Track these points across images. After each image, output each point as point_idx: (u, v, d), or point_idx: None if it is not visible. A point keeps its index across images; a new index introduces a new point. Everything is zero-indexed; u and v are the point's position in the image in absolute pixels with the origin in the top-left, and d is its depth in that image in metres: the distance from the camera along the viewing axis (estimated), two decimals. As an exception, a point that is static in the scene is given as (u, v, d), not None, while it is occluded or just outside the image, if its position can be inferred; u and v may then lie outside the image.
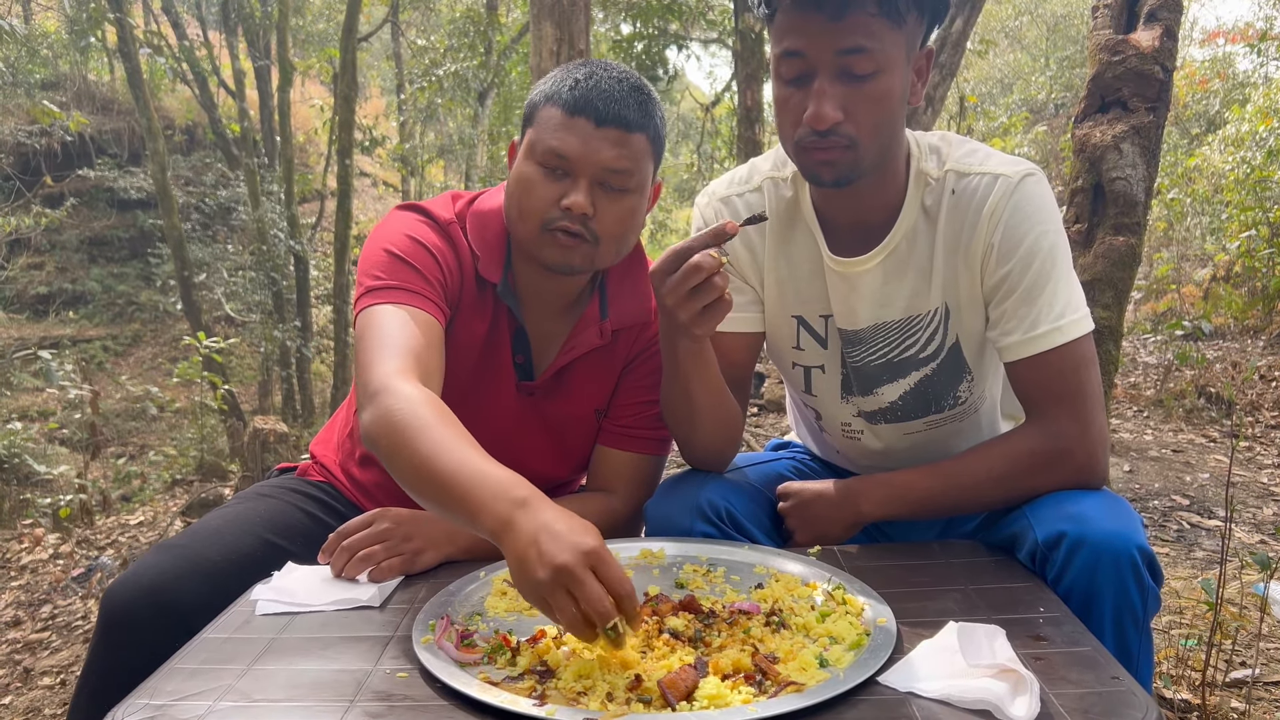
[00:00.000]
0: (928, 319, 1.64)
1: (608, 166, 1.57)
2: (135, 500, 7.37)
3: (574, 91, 1.58)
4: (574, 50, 5.34)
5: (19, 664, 3.59)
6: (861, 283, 1.63)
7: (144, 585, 1.46)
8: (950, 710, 1.00)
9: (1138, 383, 7.37)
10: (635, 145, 1.59)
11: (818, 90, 1.43)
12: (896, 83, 1.46)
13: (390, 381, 1.41)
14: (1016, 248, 1.51)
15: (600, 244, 1.62)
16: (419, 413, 1.35)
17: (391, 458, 1.36)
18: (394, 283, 1.58)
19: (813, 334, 1.73)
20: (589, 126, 1.56)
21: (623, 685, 1.06)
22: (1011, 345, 1.53)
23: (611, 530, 1.72)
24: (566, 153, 1.56)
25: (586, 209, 1.57)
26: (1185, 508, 4.30)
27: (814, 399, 1.81)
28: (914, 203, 1.59)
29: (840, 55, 1.41)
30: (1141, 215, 2.95)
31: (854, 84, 1.43)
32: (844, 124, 1.44)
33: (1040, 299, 1.50)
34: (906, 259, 1.61)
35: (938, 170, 1.58)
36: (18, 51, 13.08)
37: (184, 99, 15.95)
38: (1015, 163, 1.56)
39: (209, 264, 13.18)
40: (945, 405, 1.73)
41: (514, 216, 1.64)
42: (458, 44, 13.15)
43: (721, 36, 11.98)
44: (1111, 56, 2.96)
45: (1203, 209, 10.31)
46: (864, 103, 1.44)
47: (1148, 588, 1.31)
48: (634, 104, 1.59)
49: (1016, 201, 1.51)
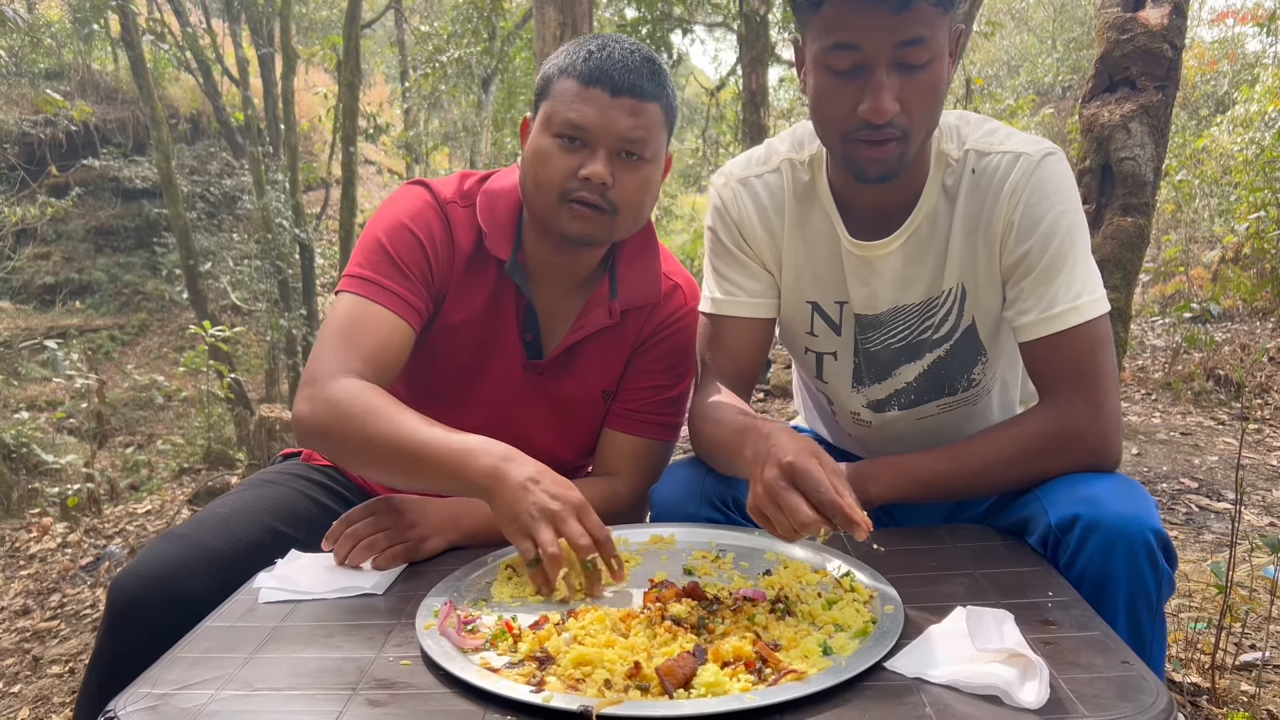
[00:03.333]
0: (944, 299, 1.63)
1: (624, 136, 1.58)
2: (143, 489, 7.39)
3: (588, 63, 1.58)
4: (577, 35, 5.31)
5: (28, 652, 3.61)
6: (883, 266, 1.62)
7: (151, 574, 1.47)
8: (958, 696, 0.99)
9: (1146, 365, 7.34)
10: (650, 114, 1.60)
11: (876, 84, 1.40)
12: (944, 69, 1.45)
13: (334, 376, 1.50)
14: (1036, 226, 1.50)
15: (619, 214, 1.63)
16: (367, 398, 1.47)
17: (344, 440, 1.46)
18: (374, 276, 1.62)
19: (826, 320, 1.72)
20: (605, 96, 1.57)
21: (621, 672, 1.05)
22: (1027, 324, 1.52)
23: (615, 515, 1.71)
24: (583, 123, 1.57)
25: (606, 178, 1.58)
26: (1194, 490, 4.28)
27: (825, 385, 1.80)
28: (935, 184, 1.58)
29: (900, 47, 1.39)
30: (1150, 196, 2.93)
31: (909, 75, 1.41)
32: (899, 116, 1.42)
33: (1058, 279, 1.49)
34: (927, 241, 1.60)
35: (958, 150, 1.57)
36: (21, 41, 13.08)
37: (188, 88, 15.96)
38: (1036, 141, 1.55)
39: (214, 253, 13.20)
40: (959, 387, 1.72)
41: (530, 189, 1.65)
42: (461, 30, 13.08)
43: (726, 20, 11.93)
44: (1120, 34, 2.94)
45: (1211, 190, 10.25)
46: (917, 93, 1.42)
47: (1161, 571, 1.30)
48: (647, 73, 1.60)
49: (1038, 180, 1.50)
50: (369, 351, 1.55)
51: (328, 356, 1.54)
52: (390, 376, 1.59)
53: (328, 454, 1.64)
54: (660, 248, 1.83)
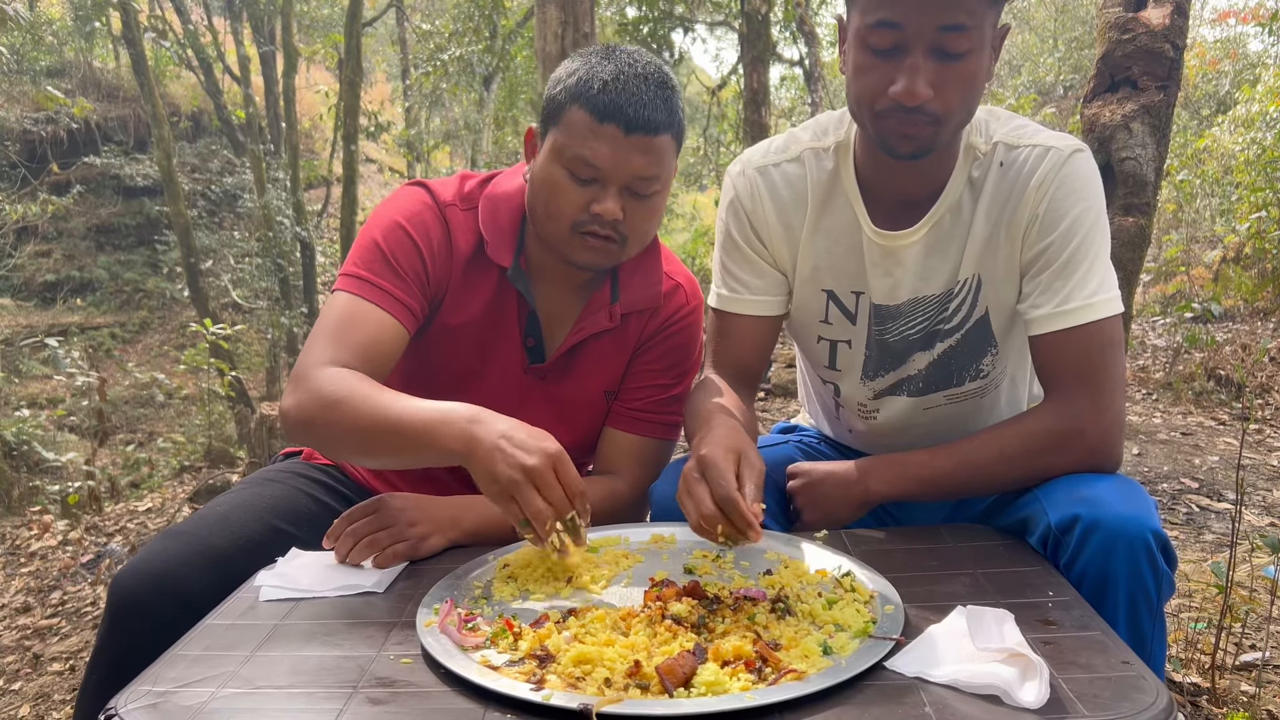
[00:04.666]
0: (960, 289, 1.63)
1: (637, 174, 1.57)
2: (144, 487, 7.39)
3: (602, 95, 1.54)
4: (579, 34, 5.30)
5: (29, 650, 3.61)
6: (905, 256, 1.62)
7: (151, 572, 1.47)
8: (958, 695, 0.99)
9: (1146, 365, 7.33)
10: (662, 147, 1.59)
11: (911, 65, 1.40)
12: (984, 62, 1.45)
13: (319, 369, 1.50)
14: (1060, 220, 1.50)
15: (629, 242, 1.63)
16: (347, 383, 1.47)
17: (329, 426, 1.46)
18: (368, 275, 1.62)
19: (842, 309, 1.72)
20: (618, 134, 1.54)
21: (621, 671, 1.05)
22: (1040, 318, 1.52)
23: (616, 513, 1.71)
24: (596, 162, 1.55)
25: (618, 215, 1.57)
26: (1194, 490, 4.28)
27: (836, 374, 1.80)
28: (961, 175, 1.58)
29: (940, 31, 1.39)
30: (1151, 195, 2.93)
31: (947, 62, 1.41)
32: (932, 101, 1.42)
33: (1076, 275, 1.49)
34: (950, 232, 1.60)
35: (985, 144, 1.58)
36: (23, 38, 13.08)
37: (189, 85, 15.96)
38: (1065, 138, 1.56)
39: (215, 251, 13.20)
40: (967, 378, 1.72)
41: (541, 217, 1.64)
42: (462, 28, 13.08)
43: (728, 19, 11.93)
44: (1121, 34, 2.93)
45: (1212, 190, 10.23)
46: (954, 81, 1.42)
47: (1161, 572, 1.30)
48: (660, 104, 1.56)
49: (1065, 174, 1.51)
50: (359, 347, 1.55)
51: (315, 352, 1.53)
52: (381, 373, 1.58)
53: (316, 446, 1.64)
54: (662, 248, 1.83)
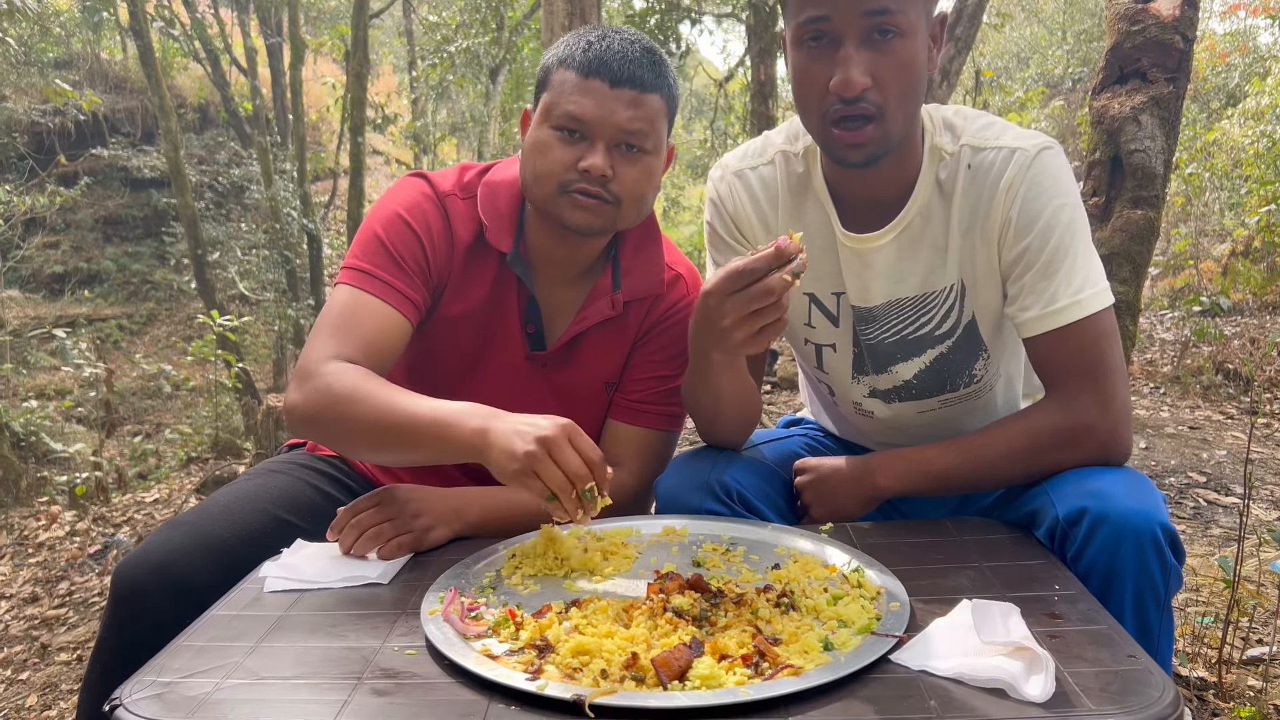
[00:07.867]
0: (943, 296, 1.62)
1: (624, 127, 1.57)
2: (151, 478, 7.41)
3: (587, 54, 1.58)
4: (585, 25, 5.30)
5: (36, 640, 3.63)
6: (875, 259, 1.61)
7: (153, 562, 1.47)
8: (963, 688, 0.99)
9: (1154, 359, 7.31)
10: (650, 105, 1.59)
11: (843, 57, 1.41)
12: (920, 48, 1.44)
13: (323, 362, 1.50)
14: (1034, 222, 1.49)
15: (622, 205, 1.62)
16: (355, 379, 1.47)
17: (334, 423, 1.47)
18: (370, 268, 1.63)
19: (824, 311, 1.71)
20: (604, 88, 1.56)
21: (618, 663, 1.05)
22: (1029, 320, 1.51)
23: (620, 506, 1.71)
24: (582, 115, 1.56)
25: (605, 170, 1.57)
26: (1202, 485, 4.27)
27: (826, 375, 1.80)
28: (928, 178, 1.57)
29: (867, 17, 1.39)
30: (1160, 188, 2.92)
31: (880, 48, 1.41)
32: (871, 91, 1.42)
33: (1059, 273, 1.48)
34: (921, 235, 1.59)
35: (953, 145, 1.56)
36: (30, 30, 13.09)
37: (196, 77, 15.95)
38: (1031, 136, 1.54)
39: (223, 243, 13.21)
40: (960, 383, 1.71)
41: (530, 180, 1.64)
42: (469, 20, 13.08)
43: (735, 11, 11.89)
44: (1131, 26, 2.92)
45: (1221, 183, 10.19)
46: (891, 67, 1.42)
47: (1169, 565, 1.29)
48: (647, 64, 1.59)
49: (1034, 175, 1.49)
50: (362, 341, 1.55)
51: (320, 346, 1.54)
52: (385, 367, 1.58)
53: (320, 439, 1.64)
54: (663, 238, 1.83)
